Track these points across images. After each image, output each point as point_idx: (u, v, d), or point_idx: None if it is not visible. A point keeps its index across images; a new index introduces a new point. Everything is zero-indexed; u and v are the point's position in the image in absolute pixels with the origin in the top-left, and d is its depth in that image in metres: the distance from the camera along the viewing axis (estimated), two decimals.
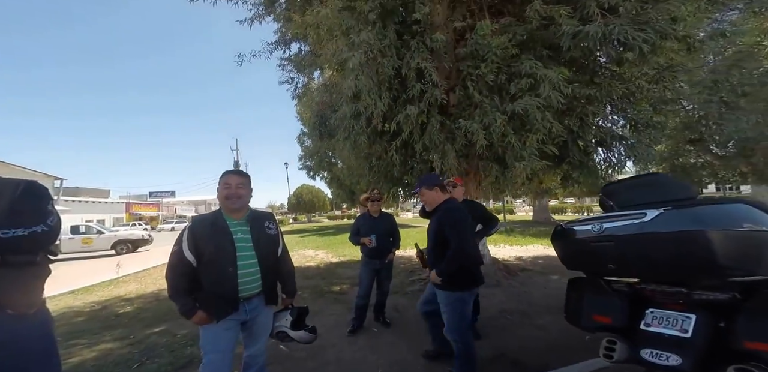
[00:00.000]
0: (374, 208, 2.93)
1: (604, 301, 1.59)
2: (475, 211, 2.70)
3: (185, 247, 1.44)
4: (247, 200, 1.55)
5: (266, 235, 1.58)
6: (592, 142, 3.77)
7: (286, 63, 6.63)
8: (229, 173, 1.56)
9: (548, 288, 4.07)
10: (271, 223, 1.63)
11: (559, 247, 1.84)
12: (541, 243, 8.08)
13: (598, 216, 1.61)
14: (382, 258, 2.85)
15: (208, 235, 1.45)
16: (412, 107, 3.38)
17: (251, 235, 1.53)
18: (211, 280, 1.43)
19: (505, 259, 5.89)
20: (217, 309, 1.43)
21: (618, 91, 3.63)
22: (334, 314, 3.40)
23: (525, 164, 3.04)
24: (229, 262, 1.44)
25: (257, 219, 1.59)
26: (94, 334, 3.22)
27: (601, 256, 1.52)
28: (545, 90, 3.01)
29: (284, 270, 1.71)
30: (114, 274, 6.61)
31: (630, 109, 3.80)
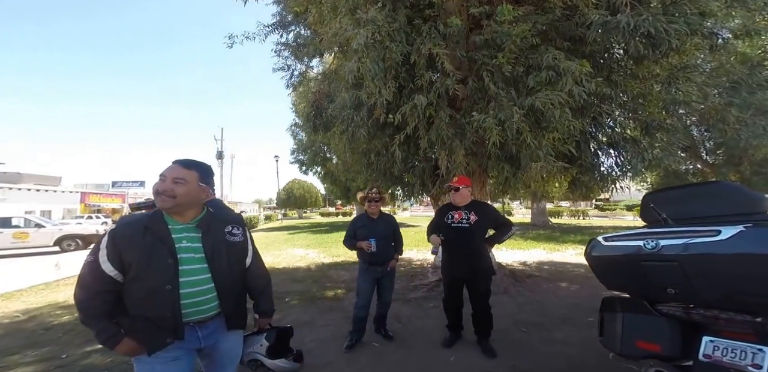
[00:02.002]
0: (373, 209, 2.71)
1: (650, 325, 1.46)
2: (485, 213, 2.55)
3: (102, 257, 1.13)
4: (186, 201, 1.21)
5: (227, 242, 1.28)
6: (605, 143, 3.69)
7: (282, 48, 6.34)
8: (173, 163, 1.25)
9: (559, 296, 3.99)
10: (235, 228, 1.34)
11: (599, 264, 1.64)
12: (543, 247, 8.10)
13: (649, 230, 1.45)
14: (382, 264, 2.66)
15: (137, 242, 1.14)
16: (421, 97, 3.21)
17: (203, 244, 1.23)
18: (139, 301, 1.14)
19: (510, 265, 5.81)
20: (149, 338, 1.14)
21: (633, 91, 3.57)
22: (329, 325, 3.21)
23: (542, 165, 2.91)
24: (166, 279, 1.14)
25: (215, 222, 1.29)
26: (11, 355, 2.63)
27: (656, 278, 1.37)
28: (567, 84, 2.89)
29: (256, 284, 1.44)
30: (52, 275, 5.74)
31: (641, 111, 3.74)
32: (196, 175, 1.25)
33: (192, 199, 1.23)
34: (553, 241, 9.36)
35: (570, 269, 5.61)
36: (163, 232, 1.18)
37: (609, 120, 3.65)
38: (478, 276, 2.50)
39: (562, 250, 7.66)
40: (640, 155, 3.33)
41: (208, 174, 1.33)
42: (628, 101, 3.60)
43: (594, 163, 3.56)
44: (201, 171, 1.28)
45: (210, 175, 1.34)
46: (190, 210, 1.26)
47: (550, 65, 3.04)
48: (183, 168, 1.23)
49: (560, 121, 2.96)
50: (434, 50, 3.22)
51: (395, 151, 3.58)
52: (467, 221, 2.50)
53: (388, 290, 2.77)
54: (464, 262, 2.49)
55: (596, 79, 3.00)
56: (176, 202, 1.19)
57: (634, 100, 3.57)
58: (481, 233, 2.56)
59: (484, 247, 2.55)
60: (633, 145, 3.47)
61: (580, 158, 3.52)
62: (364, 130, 3.89)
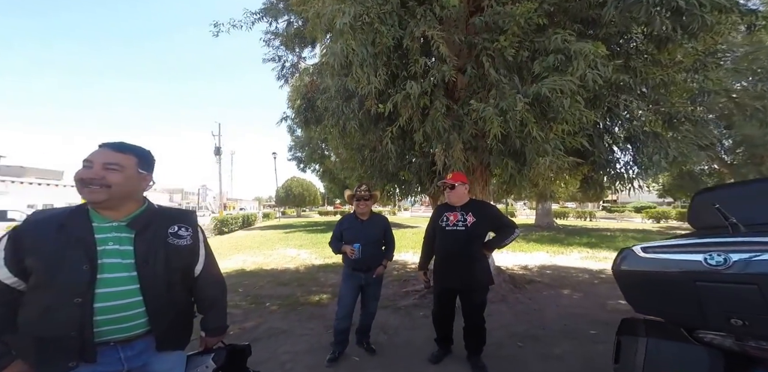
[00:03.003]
0: (362, 209, 2.42)
1: (684, 355, 1.15)
2: (485, 214, 2.24)
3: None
4: (122, 192, 0.99)
5: (168, 246, 1.06)
6: (621, 137, 3.35)
7: (272, 38, 6.03)
8: (101, 147, 1.02)
9: (561, 305, 3.68)
10: (183, 229, 1.11)
11: (630, 281, 1.28)
12: (546, 250, 7.76)
13: (710, 240, 1.09)
14: (368, 271, 2.37)
15: (46, 243, 0.93)
16: (414, 84, 2.90)
17: (134, 247, 1.01)
18: (35, 316, 0.92)
19: (510, 269, 5.50)
20: (43, 361, 0.92)
21: (654, 79, 3.22)
22: (307, 334, 2.93)
23: (550, 160, 2.59)
24: (76, 290, 0.92)
25: (156, 221, 1.08)
26: None
27: (716, 304, 1.04)
28: (579, 68, 2.57)
29: (207, 295, 1.21)
30: None
31: (664, 102, 3.39)
32: (134, 159, 1.03)
33: (130, 190, 1.02)
34: (558, 243, 9.02)
35: (574, 274, 5.29)
36: (81, 231, 0.96)
37: (626, 112, 3.30)
38: (474, 286, 2.19)
39: (567, 254, 7.33)
40: (663, 150, 2.98)
41: (149, 159, 1.10)
42: (649, 91, 3.24)
43: (609, 159, 3.21)
44: (139, 155, 1.06)
45: (151, 160, 1.11)
46: (126, 204, 1.04)
47: (558, 48, 2.71)
48: (115, 151, 1.01)
49: (570, 111, 2.63)
50: (429, 32, 2.91)
51: (388, 144, 3.27)
52: (464, 223, 2.19)
53: (372, 299, 2.48)
54: (458, 270, 2.18)
55: (614, 62, 2.67)
56: (110, 194, 0.97)
57: (655, 90, 3.21)
58: (480, 237, 2.24)
59: (482, 253, 2.23)
60: (654, 139, 3.12)
61: (593, 154, 3.18)
62: (355, 123, 3.60)
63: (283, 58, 6.27)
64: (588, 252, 7.51)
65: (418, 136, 3.17)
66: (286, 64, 6.29)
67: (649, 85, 3.25)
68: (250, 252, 8.31)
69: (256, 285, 4.77)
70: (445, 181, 2.28)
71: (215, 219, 14.99)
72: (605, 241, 9.52)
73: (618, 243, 8.92)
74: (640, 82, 3.19)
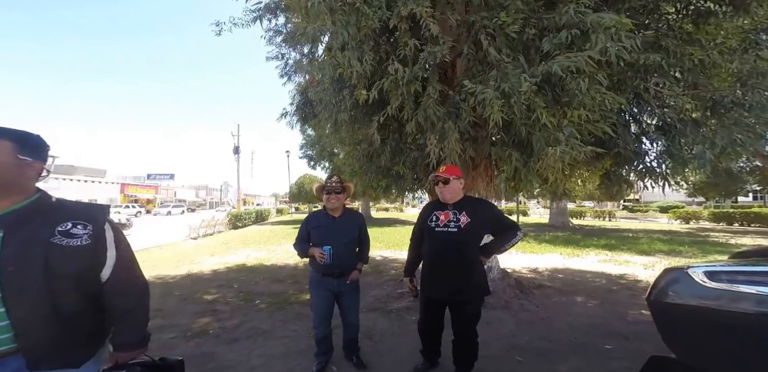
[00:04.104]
0: (333, 204, 2.06)
1: None
2: (481, 213, 1.90)
3: None
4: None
5: (52, 247, 0.86)
6: (651, 126, 2.87)
7: (273, 35, 5.88)
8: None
9: (572, 315, 3.27)
10: (79, 226, 0.90)
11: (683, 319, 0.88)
12: (560, 252, 7.22)
13: None
14: (341, 277, 2.06)
15: None
16: (401, 67, 2.58)
17: (1, 248, 0.81)
18: None
19: (518, 271, 5.09)
20: None
21: (692, 59, 2.72)
22: (288, 336, 2.70)
23: (562, 151, 2.20)
24: None
25: (41, 216, 0.88)
26: None
27: None
28: (599, 41, 2.16)
29: (116, 304, 0.99)
30: None
31: (703, 86, 2.88)
32: (9, 144, 0.85)
33: (2, 181, 0.84)
34: (573, 244, 8.41)
35: (589, 279, 4.80)
36: None
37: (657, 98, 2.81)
38: (466, 297, 1.85)
39: (582, 256, 6.77)
40: (708, 140, 2.51)
41: (31, 144, 0.91)
42: (686, 74, 2.74)
43: (637, 151, 2.73)
44: (17, 139, 0.87)
45: (35, 145, 0.92)
46: (2, 196, 0.86)
47: (572, 22, 2.31)
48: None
49: (589, 94, 2.24)
50: (416, 10, 2.57)
51: (374, 135, 2.97)
52: (456, 224, 1.84)
53: (351, 310, 2.15)
54: (448, 278, 1.85)
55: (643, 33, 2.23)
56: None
57: (692, 72, 2.70)
58: (475, 240, 1.89)
59: (477, 258, 1.89)
60: (694, 128, 2.63)
61: (617, 145, 2.73)
62: (345, 115, 3.34)
63: (286, 55, 6.19)
64: (607, 254, 6.91)
65: (410, 126, 2.85)
66: (289, 61, 6.19)
67: (685, 66, 2.75)
68: (256, 247, 8.27)
69: (252, 281, 4.63)
70: (438, 175, 1.94)
71: (230, 214, 15.21)
72: (626, 242, 8.79)
73: (642, 245, 8.18)
74: (674, 64, 2.69)
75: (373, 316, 3.17)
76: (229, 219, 14.55)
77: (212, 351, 2.43)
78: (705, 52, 2.71)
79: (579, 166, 3.05)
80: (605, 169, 3.21)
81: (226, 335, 2.72)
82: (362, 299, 2.78)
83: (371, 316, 3.14)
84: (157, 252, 7.80)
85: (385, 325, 2.97)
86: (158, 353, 1.02)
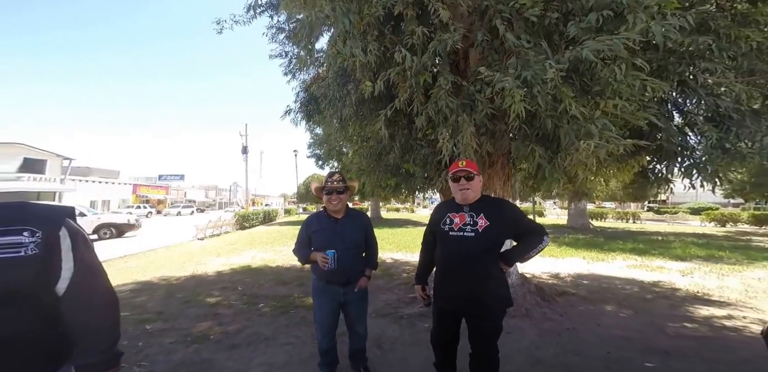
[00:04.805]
0: (335, 205, 1.92)
1: None
2: (502, 216, 1.71)
3: None
4: None
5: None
6: (699, 117, 2.62)
7: (276, 32, 5.86)
8: None
9: (603, 325, 3.04)
10: (23, 233, 0.79)
11: None
12: (582, 255, 6.89)
13: None
14: (347, 285, 1.92)
15: None
16: (409, 55, 2.45)
17: None
18: None
19: (537, 277, 4.85)
20: None
21: (749, 44, 2.44)
22: (291, 343, 2.60)
23: (597, 144, 2.00)
24: None
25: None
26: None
27: None
28: (638, 22, 1.96)
29: (75, 320, 0.86)
30: None
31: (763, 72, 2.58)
32: None
33: None
34: (596, 248, 8.04)
35: (619, 286, 4.52)
36: None
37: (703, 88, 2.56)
38: (484, 310, 1.67)
39: (608, 261, 6.44)
40: None
41: None
42: (739, 57, 2.47)
43: (683, 144, 2.48)
44: None
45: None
46: None
47: (603, 3, 2.12)
48: None
49: (624, 81, 2.04)
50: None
51: (381, 129, 2.84)
52: (473, 228, 1.66)
53: (359, 319, 2.01)
54: (464, 288, 1.67)
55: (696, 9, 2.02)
56: None
57: (747, 57, 2.43)
58: (495, 246, 1.70)
59: (497, 267, 1.71)
60: (754, 119, 2.37)
61: (658, 138, 2.48)
62: (350, 110, 3.23)
63: (289, 53, 6.20)
64: (636, 259, 6.55)
65: (420, 120, 2.70)
66: (292, 59, 6.18)
67: (740, 51, 2.48)
68: (262, 248, 8.26)
69: (256, 283, 4.57)
70: (459, 169, 1.72)
71: (237, 214, 15.37)
72: (657, 246, 8.34)
73: (675, 249, 7.72)
74: (726, 48, 2.43)
75: (383, 322, 3.03)
76: (236, 219, 14.70)
77: (211, 358, 2.35)
78: (763, 34, 2.45)
79: (609, 163, 2.82)
80: (641, 166, 2.96)
81: (226, 341, 2.64)
82: (371, 304, 2.65)
83: (381, 323, 3.01)
84: (163, 253, 7.89)
85: (395, 332, 2.83)
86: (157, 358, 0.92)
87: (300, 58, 4.34)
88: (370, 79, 2.76)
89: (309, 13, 2.51)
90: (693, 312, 3.44)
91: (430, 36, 2.64)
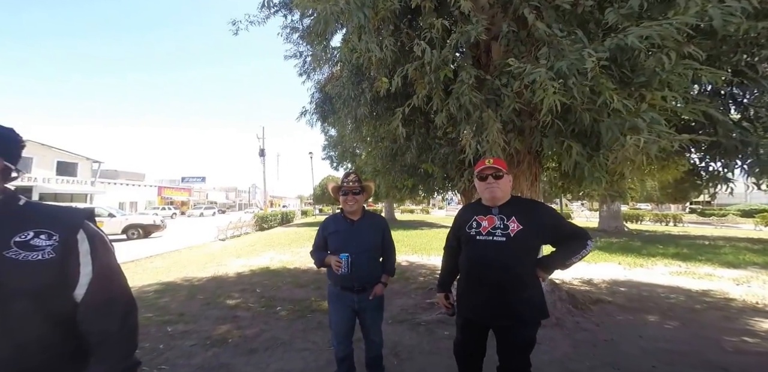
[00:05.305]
0: (351, 206, 1.88)
1: None
2: (538, 217, 1.58)
3: None
4: None
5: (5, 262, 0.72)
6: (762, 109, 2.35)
7: (290, 32, 5.96)
8: None
9: (646, 337, 2.80)
10: (42, 235, 0.77)
11: None
12: (618, 261, 6.48)
13: None
14: (362, 292, 1.86)
15: None
16: (429, 48, 2.36)
17: None
18: None
19: (568, 283, 4.59)
20: None
21: None
22: (308, 349, 2.57)
23: (647, 140, 1.82)
24: None
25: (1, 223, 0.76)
26: None
27: None
28: (690, 6, 1.79)
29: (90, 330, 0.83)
30: None
31: None
32: None
33: None
34: (633, 253, 7.55)
35: (661, 295, 4.18)
36: None
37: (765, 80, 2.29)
38: (516, 321, 1.54)
39: (648, 267, 6.01)
40: None
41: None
42: None
43: (745, 140, 2.22)
44: None
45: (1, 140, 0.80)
46: None
47: None
48: None
49: (674, 70, 1.86)
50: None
51: (398, 128, 2.77)
52: (504, 232, 1.54)
53: (374, 327, 1.95)
54: (492, 299, 1.55)
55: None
56: None
57: None
58: (528, 252, 1.57)
59: (533, 274, 1.57)
60: None
61: (714, 133, 2.25)
62: (365, 109, 3.19)
63: (304, 53, 6.27)
64: (680, 265, 6.07)
65: (440, 118, 2.60)
66: (307, 59, 6.26)
67: None
68: (281, 249, 8.40)
69: (274, 285, 4.62)
70: (487, 167, 1.60)
71: (256, 215, 15.79)
72: (704, 252, 7.70)
73: (726, 255, 7.07)
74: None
75: (400, 329, 2.95)
76: (255, 221, 15.09)
77: (229, 362, 2.36)
78: None
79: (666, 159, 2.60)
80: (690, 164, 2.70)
81: (245, 345, 2.65)
82: (388, 309, 2.58)
83: (397, 330, 2.93)
84: (186, 253, 8.20)
85: (413, 340, 2.74)
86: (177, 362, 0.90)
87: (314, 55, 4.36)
88: (385, 76, 2.71)
89: (323, 8, 2.48)
90: (753, 325, 3.11)
91: (450, 29, 2.54)
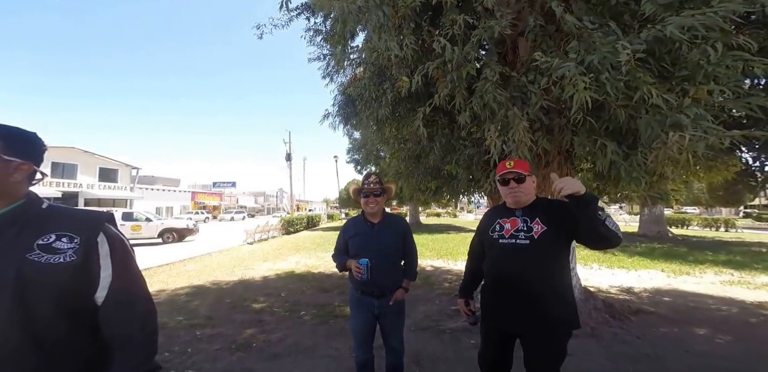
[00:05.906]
0: (372, 208, 1.85)
1: None
2: (563, 218, 1.45)
3: None
4: None
5: (27, 264, 0.74)
6: None
7: (314, 35, 6.06)
8: None
9: (694, 352, 2.52)
10: (64, 238, 0.79)
11: None
12: (661, 268, 5.95)
13: None
14: (381, 297, 1.82)
15: None
16: (449, 45, 2.31)
17: None
18: None
19: (605, 291, 4.27)
20: None
21: None
22: (330, 355, 2.56)
23: (692, 136, 1.66)
24: None
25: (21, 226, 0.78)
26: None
27: None
28: None
29: (112, 333, 0.84)
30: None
31: None
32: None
33: None
34: (677, 259, 6.92)
35: (712, 306, 3.78)
36: None
37: None
38: (543, 332, 1.44)
39: (695, 275, 5.47)
40: None
41: (20, 142, 0.82)
42: None
43: None
44: (3, 136, 0.79)
45: (27, 144, 0.84)
46: None
47: None
48: None
49: (721, 62, 1.69)
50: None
51: (420, 129, 2.72)
52: (527, 234, 1.46)
53: (394, 333, 1.90)
54: (517, 305, 1.46)
55: None
56: None
57: None
58: (555, 255, 1.46)
59: (559, 280, 1.46)
60: None
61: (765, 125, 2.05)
62: (386, 110, 3.18)
63: (327, 56, 6.31)
64: (732, 274, 5.48)
65: (463, 117, 2.53)
66: (330, 62, 6.30)
67: None
68: (306, 253, 8.54)
69: (299, 290, 4.68)
70: (507, 171, 1.53)
71: (282, 220, 16.24)
72: (761, 260, 6.91)
73: None
74: None
75: (423, 336, 2.87)
76: (282, 224, 15.51)
77: (252, 367, 2.39)
78: None
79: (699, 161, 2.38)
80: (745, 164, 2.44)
81: (268, 349, 2.68)
82: (411, 315, 2.50)
83: (420, 337, 2.84)
84: (217, 257, 8.55)
85: (436, 348, 2.64)
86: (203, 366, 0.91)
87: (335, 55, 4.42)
88: (406, 75, 2.68)
89: (341, 7, 2.50)
90: None
91: (473, 25, 2.48)
